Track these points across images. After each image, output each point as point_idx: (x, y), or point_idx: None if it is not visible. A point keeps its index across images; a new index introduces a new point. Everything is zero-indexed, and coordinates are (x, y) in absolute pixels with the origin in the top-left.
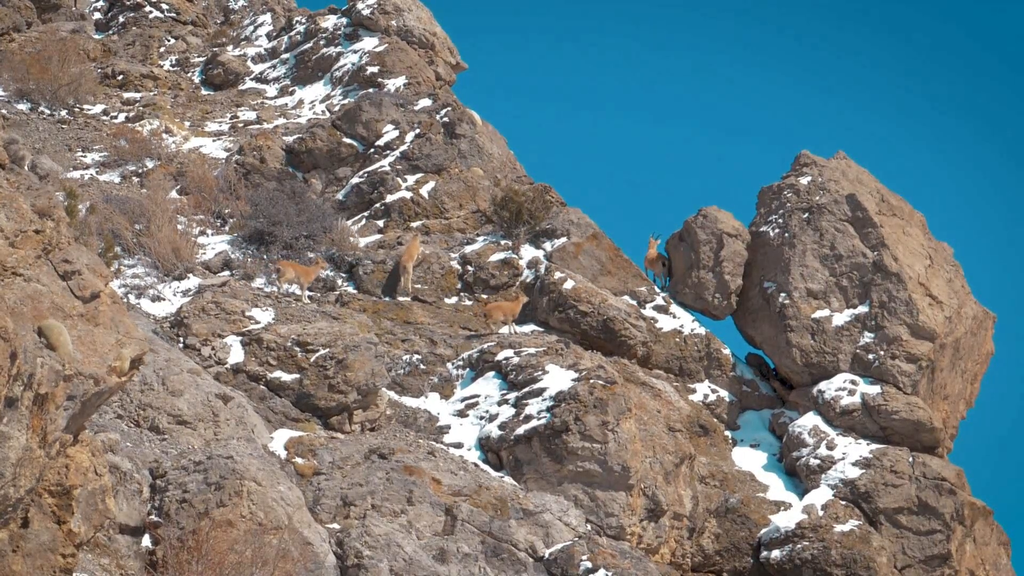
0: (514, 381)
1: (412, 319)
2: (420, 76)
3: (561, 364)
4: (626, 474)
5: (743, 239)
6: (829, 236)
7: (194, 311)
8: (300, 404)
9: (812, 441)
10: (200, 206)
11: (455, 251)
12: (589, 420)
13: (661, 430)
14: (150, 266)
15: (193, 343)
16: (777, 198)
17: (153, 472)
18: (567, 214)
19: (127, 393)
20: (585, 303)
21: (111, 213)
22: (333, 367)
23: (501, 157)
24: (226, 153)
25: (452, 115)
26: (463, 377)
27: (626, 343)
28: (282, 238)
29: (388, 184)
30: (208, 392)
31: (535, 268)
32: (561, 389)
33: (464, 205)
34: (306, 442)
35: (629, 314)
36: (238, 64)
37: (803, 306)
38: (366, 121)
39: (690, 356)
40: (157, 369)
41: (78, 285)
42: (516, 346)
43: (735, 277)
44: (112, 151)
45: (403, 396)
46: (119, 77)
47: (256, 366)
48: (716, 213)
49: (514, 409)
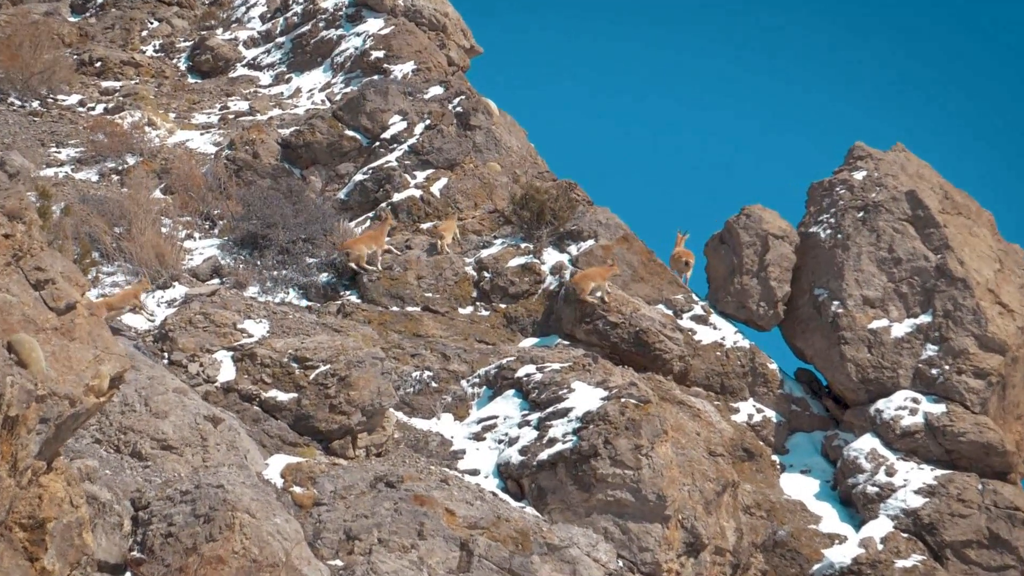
0: (536, 400)
1: (423, 331)
2: (430, 61)
3: (589, 381)
4: (662, 504)
5: (791, 241)
6: (887, 237)
7: (180, 323)
8: (298, 427)
9: (869, 466)
10: (187, 207)
11: (470, 255)
12: (620, 444)
13: (701, 455)
14: (131, 274)
15: (179, 359)
16: (829, 195)
17: (135, 503)
18: (594, 214)
19: (106, 415)
20: (615, 313)
21: (88, 215)
22: (335, 385)
23: (521, 151)
24: (215, 148)
25: (466, 104)
26: (479, 396)
27: (661, 357)
28: (277, 242)
29: (395, 181)
30: (196, 414)
31: (559, 274)
32: (589, 409)
33: (480, 204)
34: (305, 469)
35: (664, 325)
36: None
37: (858, 315)
38: (370, 112)
39: (733, 372)
40: (139, 388)
41: (52, 295)
42: (538, 361)
43: (782, 283)
44: (89, 146)
45: (413, 417)
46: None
47: (249, 384)
48: (761, 212)
49: (536, 431)
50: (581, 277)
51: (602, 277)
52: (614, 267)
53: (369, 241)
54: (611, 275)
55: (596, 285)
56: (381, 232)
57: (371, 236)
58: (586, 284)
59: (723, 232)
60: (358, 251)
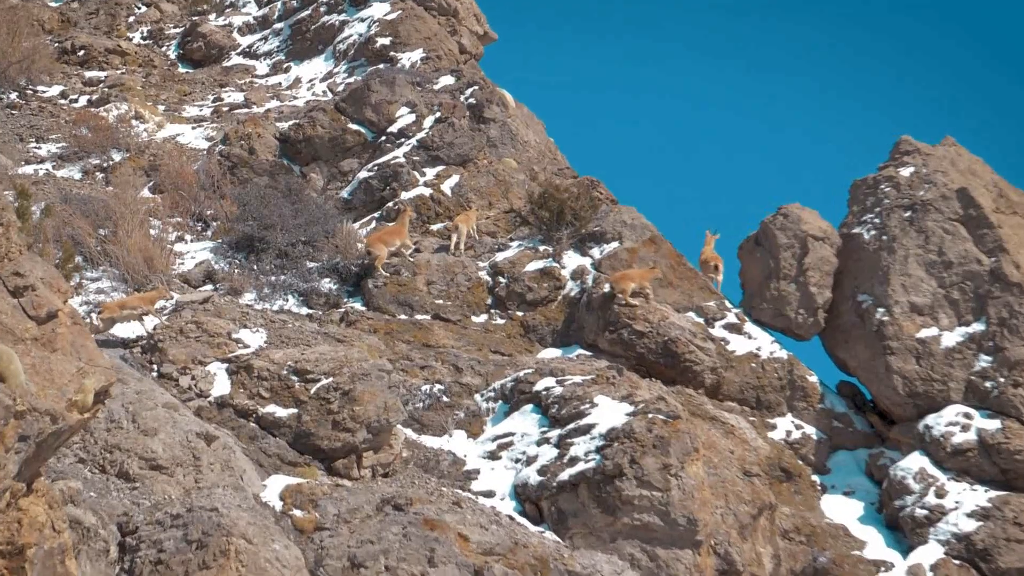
0: (556, 416)
1: (433, 341)
2: (441, 49)
3: (613, 395)
4: (692, 528)
5: (832, 243)
6: (936, 239)
7: (170, 333)
8: (298, 445)
9: (918, 487)
10: (177, 207)
11: (484, 259)
12: (647, 463)
13: (735, 475)
14: (117, 279)
15: (169, 371)
16: (873, 193)
17: (122, 527)
18: (619, 214)
19: (91, 432)
20: (641, 321)
21: (71, 216)
22: (338, 400)
23: (539, 146)
24: (208, 143)
25: (480, 95)
26: (495, 411)
27: (691, 369)
28: (276, 244)
29: (403, 179)
30: (188, 431)
31: (580, 279)
32: (613, 426)
33: (495, 203)
34: (306, 491)
35: (695, 334)
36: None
37: (905, 324)
38: (376, 103)
39: (769, 385)
40: (126, 403)
41: (32, 303)
42: (558, 373)
43: (823, 289)
44: (72, 141)
45: (422, 435)
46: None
47: (245, 399)
48: (799, 212)
49: (557, 450)
50: (621, 277)
51: (644, 279)
52: (655, 269)
53: (391, 236)
54: (652, 278)
55: (637, 287)
56: (402, 224)
57: (393, 231)
58: (626, 285)
59: (758, 233)
60: (378, 250)
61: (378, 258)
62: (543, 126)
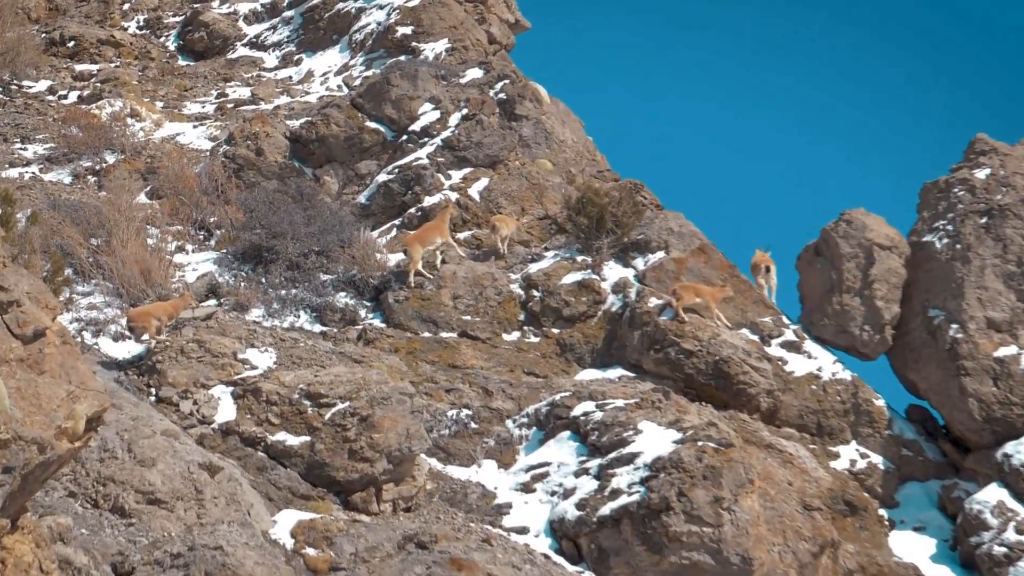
0: (596, 444)
1: (460, 361)
2: (467, 39)
3: (659, 421)
4: (747, 568)
5: (900, 252)
6: (1016, 247)
7: (170, 354)
8: (311, 476)
9: (996, 522)
10: (177, 213)
11: (516, 271)
12: (697, 496)
13: (793, 508)
14: (111, 293)
15: (169, 395)
16: (945, 197)
17: (117, 568)
18: (665, 220)
19: (82, 463)
20: (690, 339)
21: (60, 224)
22: (355, 427)
23: (576, 146)
24: (211, 143)
25: (511, 90)
26: (528, 439)
27: (746, 392)
28: (286, 255)
29: (426, 182)
30: (189, 461)
31: (623, 293)
32: (659, 455)
33: (528, 209)
34: (320, 527)
35: (749, 353)
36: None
37: (982, 341)
38: (396, 99)
39: (831, 409)
40: (121, 431)
41: (17, 320)
42: (598, 397)
43: (890, 303)
44: (61, 141)
45: (448, 465)
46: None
47: (253, 426)
48: (864, 218)
49: (597, 481)
50: (687, 287)
51: (713, 298)
52: (726, 288)
53: (431, 234)
54: (723, 298)
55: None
56: (443, 221)
57: (433, 228)
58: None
59: (819, 242)
60: (413, 252)
61: (412, 261)
62: (581, 124)
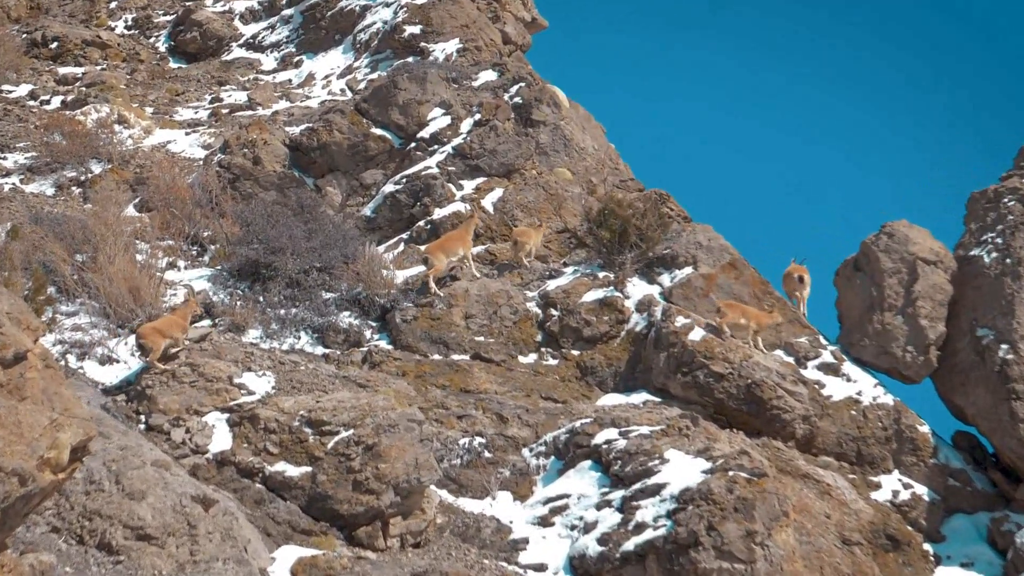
0: (620, 474)
1: (472, 386)
2: (480, 38)
3: (687, 449)
4: None
5: (946, 267)
6: None
7: (161, 378)
8: (313, 510)
9: None
10: (168, 227)
11: (533, 288)
12: (728, 530)
13: (831, 543)
14: (98, 313)
15: (160, 423)
16: (995, 208)
17: None
18: (693, 233)
19: (66, 496)
20: (720, 361)
21: (42, 239)
22: (360, 456)
23: (597, 153)
24: (205, 151)
25: (527, 93)
26: (546, 469)
27: (780, 418)
28: (285, 271)
29: (436, 193)
30: (181, 494)
31: (648, 311)
32: (687, 486)
33: (546, 222)
34: (322, 564)
35: (784, 376)
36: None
37: None
38: (404, 104)
39: (872, 436)
40: (109, 461)
41: None
42: (621, 424)
43: (935, 322)
44: (43, 150)
45: (460, 497)
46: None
47: (250, 456)
48: (907, 231)
49: (620, 514)
50: (732, 305)
51: (760, 322)
52: (775, 314)
53: (453, 245)
54: (771, 324)
55: (746, 323)
56: (467, 232)
57: (456, 239)
58: (732, 313)
59: (858, 256)
60: (436, 260)
61: (435, 268)
62: (603, 130)
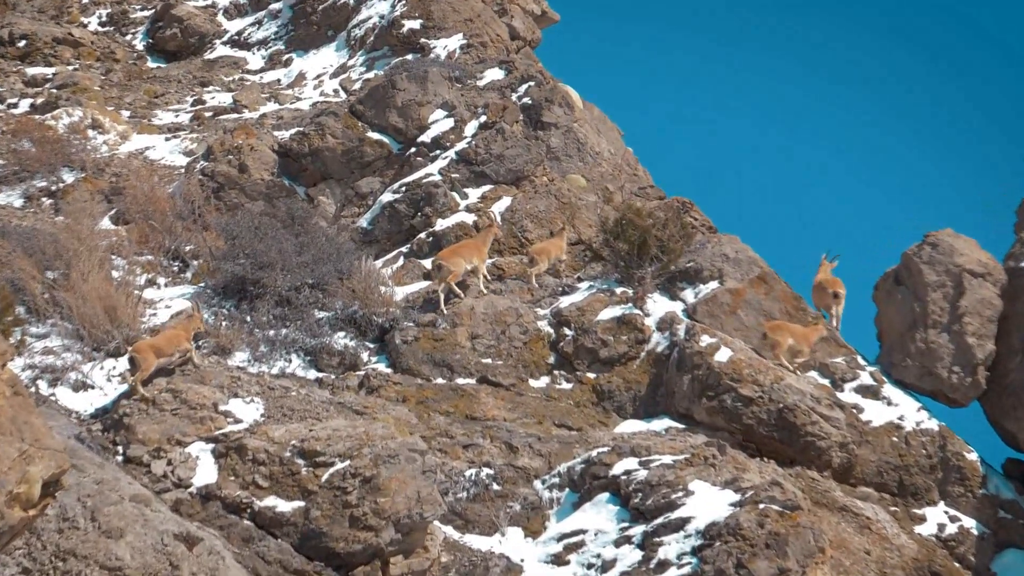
0: (640, 508)
1: (479, 412)
2: (486, 34)
3: (713, 480)
4: None
5: (995, 280)
6: None
7: (140, 406)
8: (306, 548)
9: None
10: (147, 241)
11: (545, 305)
12: (759, 568)
13: None
14: (71, 335)
15: (139, 455)
16: None
17: None
18: (718, 245)
19: (38, 535)
20: (749, 384)
21: (9, 254)
22: (357, 490)
23: (614, 158)
24: (187, 158)
25: (537, 93)
26: (560, 502)
27: (815, 445)
28: (274, 289)
29: (438, 203)
30: (163, 531)
31: (670, 330)
32: (714, 520)
33: (558, 233)
34: None
35: (819, 400)
36: (203, 20)
37: None
38: (403, 105)
39: (915, 465)
40: (84, 496)
41: None
42: (642, 453)
43: (984, 340)
44: (10, 158)
45: (467, 534)
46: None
47: (237, 489)
48: (952, 241)
49: (641, 552)
50: (775, 327)
51: (807, 341)
52: (819, 327)
53: (469, 252)
54: (817, 339)
55: (795, 345)
56: (484, 242)
57: (472, 247)
58: (782, 338)
59: (899, 269)
60: (454, 265)
61: (452, 274)
62: (620, 133)
